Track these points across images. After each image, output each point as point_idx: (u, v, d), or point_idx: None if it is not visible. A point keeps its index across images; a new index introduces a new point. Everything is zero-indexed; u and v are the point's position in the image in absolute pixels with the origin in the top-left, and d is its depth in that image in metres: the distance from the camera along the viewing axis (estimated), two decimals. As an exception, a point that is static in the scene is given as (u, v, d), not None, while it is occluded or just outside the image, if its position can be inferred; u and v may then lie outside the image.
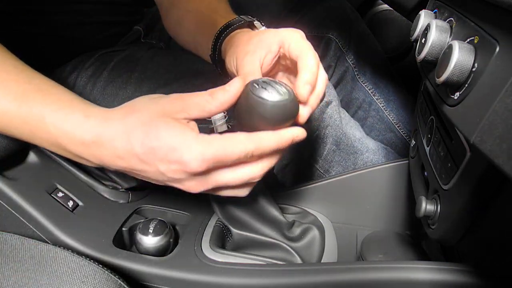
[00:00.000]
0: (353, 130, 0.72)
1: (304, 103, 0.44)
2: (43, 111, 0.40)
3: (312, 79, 0.43)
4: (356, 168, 0.71)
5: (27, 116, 0.41)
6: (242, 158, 0.38)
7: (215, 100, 0.39)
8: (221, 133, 0.44)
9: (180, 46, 0.66)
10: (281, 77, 0.52)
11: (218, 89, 0.39)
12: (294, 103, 0.41)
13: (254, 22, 0.55)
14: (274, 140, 0.39)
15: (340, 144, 0.69)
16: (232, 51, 0.50)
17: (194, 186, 0.40)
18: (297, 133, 0.41)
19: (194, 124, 0.40)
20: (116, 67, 0.67)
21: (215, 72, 0.56)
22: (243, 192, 0.43)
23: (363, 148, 0.72)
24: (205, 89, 0.40)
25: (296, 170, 0.71)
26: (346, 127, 0.71)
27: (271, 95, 0.38)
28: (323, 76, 0.46)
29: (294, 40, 0.46)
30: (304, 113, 0.44)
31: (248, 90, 0.39)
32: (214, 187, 0.40)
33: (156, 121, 0.38)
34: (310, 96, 0.44)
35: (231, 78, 0.41)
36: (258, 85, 0.39)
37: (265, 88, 0.39)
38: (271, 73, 0.50)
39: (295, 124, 0.43)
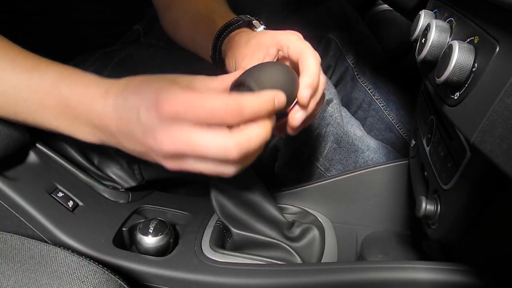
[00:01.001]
0: (354, 129, 0.72)
1: (305, 106, 0.44)
2: (57, 76, 0.41)
3: (313, 81, 0.43)
4: (357, 166, 0.71)
5: (38, 84, 0.41)
6: (220, 112, 0.35)
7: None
8: None
9: (179, 45, 0.66)
10: None
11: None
12: (291, 86, 0.42)
13: (253, 22, 0.55)
14: (255, 98, 0.37)
15: (341, 143, 0.69)
16: (231, 54, 0.50)
17: (165, 137, 0.35)
18: (277, 94, 0.39)
19: None
20: (117, 67, 0.67)
21: (216, 71, 0.57)
22: (227, 167, 0.37)
23: (364, 146, 0.72)
24: None
25: (296, 169, 0.71)
26: (347, 125, 0.71)
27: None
28: (321, 78, 0.46)
29: (292, 43, 0.46)
30: (297, 116, 0.44)
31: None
32: (188, 144, 0.35)
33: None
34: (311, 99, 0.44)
35: None
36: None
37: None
38: None
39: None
